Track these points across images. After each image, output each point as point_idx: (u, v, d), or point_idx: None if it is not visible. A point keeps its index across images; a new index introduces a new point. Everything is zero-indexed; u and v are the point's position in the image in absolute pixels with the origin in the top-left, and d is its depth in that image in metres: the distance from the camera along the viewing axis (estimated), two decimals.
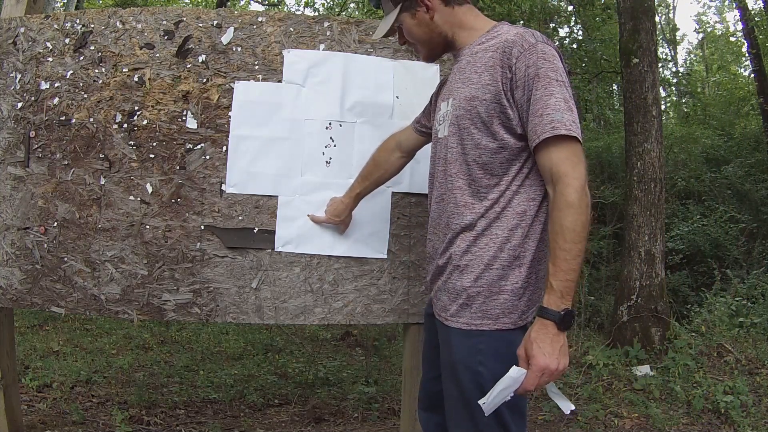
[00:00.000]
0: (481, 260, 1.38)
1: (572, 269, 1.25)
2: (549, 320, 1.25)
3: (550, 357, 1.23)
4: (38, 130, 2.00)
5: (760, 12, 10.49)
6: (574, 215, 1.24)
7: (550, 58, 1.32)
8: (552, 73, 1.31)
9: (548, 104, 1.29)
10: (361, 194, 1.92)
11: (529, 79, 1.32)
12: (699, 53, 19.95)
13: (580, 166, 1.28)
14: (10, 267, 2.00)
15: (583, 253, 1.27)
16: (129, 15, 2.01)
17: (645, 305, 4.33)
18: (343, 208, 1.93)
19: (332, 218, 1.95)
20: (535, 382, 1.25)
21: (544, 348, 1.24)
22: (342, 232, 1.99)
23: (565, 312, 1.24)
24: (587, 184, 1.28)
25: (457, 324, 1.41)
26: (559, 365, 1.25)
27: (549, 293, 1.26)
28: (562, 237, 1.25)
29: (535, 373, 1.24)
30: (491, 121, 1.38)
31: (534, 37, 1.35)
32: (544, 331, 1.25)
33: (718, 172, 7.61)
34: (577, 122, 1.31)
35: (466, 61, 1.46)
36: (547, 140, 1.29)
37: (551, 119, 1.28)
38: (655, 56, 4.66)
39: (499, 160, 1.39)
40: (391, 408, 3.20)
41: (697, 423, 3.17)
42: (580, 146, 1.30)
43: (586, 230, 1.26)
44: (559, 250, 1.25)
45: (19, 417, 2.26)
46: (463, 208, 1.42)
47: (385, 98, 2.03)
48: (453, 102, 1.47)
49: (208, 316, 1.96)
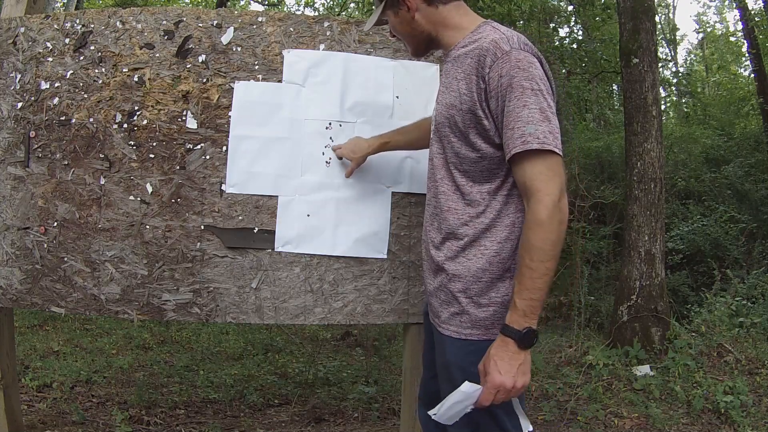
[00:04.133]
0: (469, 270, 1.38)
1: (538, 288, 1.23)
2: (509, 338, 1.24)
3: (506, 375, 1.23)
4: (38, 130, 2.00)
5: (760, 12, 10.49)
6: (542, 234, 1.22)
7: (524, 66, 1.28)
8: (526, 83, 1.26)
9: (520, 116, 1.25)
10: (389, 145, 1.86)
11: (502, 90, 1.28)
12: (699, 53, 19.96)
13: (553, 181, 1.24)
14: (10, 267, 2.00)
15: (553, 271, 1.24)
16: (129, 15, 2.00)
17: (645, 305, 4.33)
18: (365, 147, 1.87)
19: (348, 152, 1.89)
20: (490, 399, 1.25)
21: (501, 366, 1.23)
22: (348, 174, 1.93)
23: (526, 330, 1.23)
24: (565, 197, 1.25)
25: (448, 332, 1.41)
26: (516, 383, 1.24)
27: (512, 311, 1.25)
28: (529, 255, 1.23)
29: (490, 390, 1.24)
30: (467, 131, 1.36)
31: (509, 44, 1.30)
32: (504, 349, 1.24)
33: (718, 172, 7.61)
34: (555, 132, 1.26)
35: (450, 64, 1.44)
36: (520, 155, 1.26)
37: (522, 133, 1.24)
38: (655, 56, 4.66)
39: (479, 168, 1.37)
40: (391, 408, 3.20)
41: (697, 423, 3.17)
42: (557, 158, 1.26)
43: (556, 248, 1.23)
44: (525, 268, 1.23)
45: (19, 417, 2.25)
46: (446, 212, 1.42)
47: (385, 98, 2.03)
48: (436, 107, 1.47)
49: (208, 316, 1.96)
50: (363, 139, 1.90)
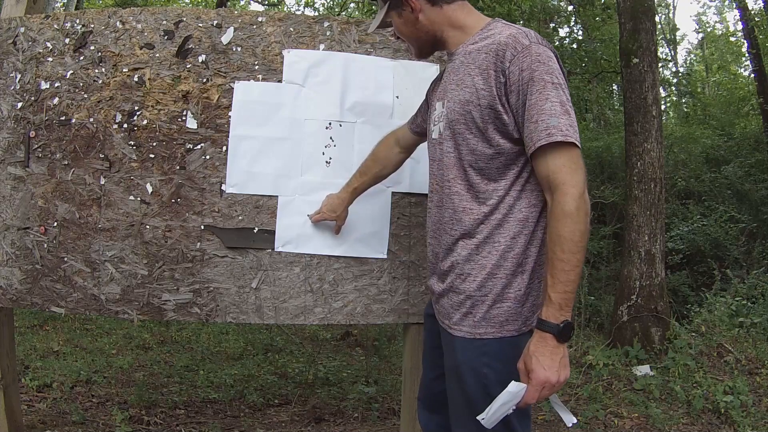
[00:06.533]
0: (483, 268, 1.37)
1: (570, 280, 1.22)
2: (548, 333, 1.23)
3: (550, 370, 1.22)
4: (38, 130, 2.00)
5: (760, 12, 10.49)
6: (571, 225, 1.21)
7: (544, 60, 1.28)
8: (547, 76, 1.27)
9: (543, 109, 1.25)
10: (359, 189, 1.88)
11: (523, 84, 1.28)
12: (699, 53, 19.97)
13: (578, 173, 1.24)
14: (10, 267, 2.00)
15: (582, 263, 1.24)
16: (129, 15, 2.00)
17: (645, 305, 4.33)
18: (339, 203, 1.90)
19: (328, 214, 1.91)
20: (536, 396, 1.24)
21: (543, 361, 1.23)
22: (337, 231, 1.96)
23: (564, 324, 1.22)
24: (587, 189, 1.26)
25: (461, 333, 1.39)
26: (560, 377, 1.23)
27: (547, 305, 1.24)
28: (560, 247, 1.22)
29: (536, 387, 1.24)
30: (486, 127, 1.35)
31: (528, 38, 1.31)
32: (543, 344, 1.24)
33: (718, 172, 7.61)
34: (575, 126, 1.27)
35: (460, 61, 1.42)
36: (543, 147, 1.25)
37: (546, 125, 1.24)
38: (655, 56, 4.66)
39: (495, 165, 1.36)
40: (391, 408, 3.20)
41: (697, 423, 3.17)
42: (578, 151, 1.27)
43: (584, 239, 1.23)
44: (557, 260, 1.23)
45: (19, 417, 2.26)
46: (461, 213, 1.40)
47: (385, 98, 2.03)
48: (447, 104, 1.44)
49: (208, 316, 1.96)
50: (334, 196, 1.92)
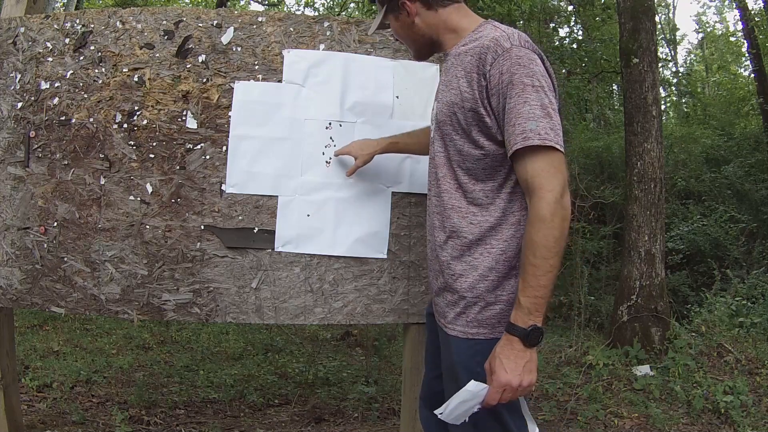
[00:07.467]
0: (475, 270, 1.37)
1: (542, 285, 1.22)
2: (515, 336, 1.24)
3: (512, 373, 1.23)
4: (38, 130, 2.00)
5: (760, 12, 10.48)
6: (545, 230, 1.21)
7: (525, 63, 1.28)
8: (527, 79, 1.26)
9: (521, 113, 1.25)
10: (398, 145, 1.86)
11: (503, 87, 1.28)
12: (699, 53, 19.95)
13: (556, 178, 1.23)
14: (10, 267, 2.00)
15: (557, 268, 1.24)
16: (129, 15, 2.00)
17: (645, 305, 4.33)
18: (372, 145, 1.86)
19: (357, 150, 1.87)
20: (497, 398, 1.25)
21: (507, 364, 1.23)
22: (350, 172, 1.90)
23: (531, 328, 1.23)
24: (567, 194, 1.25)
25: (454, 332, 1.41)
26: (522, 382, 1.24)
27: (517, 309, 1.25)
28: (533, 252, 1.22)
29: (496, 389, 1.24)
30: (470, 129, 1.36)
31: (510, 41, 1.30)
32: (509, 347, 1.24)
33: (718, 172, 7.61)
34: (557, 129, 1.26)
35: (450, 63, 1.44)
36: (521, 151, 1.25)
37: (523, 129, 1.24)
38: (655, 56, 4.66)
39: (482, 166, 1.37)
40: (391, 408, 3.20)
41: (697, 423, 3.17)
42: (559, 155, 1.25)
43: (559, 245, 1.22)
44: (529, 265, 1.23)
45: (19, 417, 2.26)
46: (450, 210, 1.41)
47: (385, 98, 2.03)
48: (437, 105, 1.47)
49: (208, 316, 1.96)
50: (371, 139, 1.90)
